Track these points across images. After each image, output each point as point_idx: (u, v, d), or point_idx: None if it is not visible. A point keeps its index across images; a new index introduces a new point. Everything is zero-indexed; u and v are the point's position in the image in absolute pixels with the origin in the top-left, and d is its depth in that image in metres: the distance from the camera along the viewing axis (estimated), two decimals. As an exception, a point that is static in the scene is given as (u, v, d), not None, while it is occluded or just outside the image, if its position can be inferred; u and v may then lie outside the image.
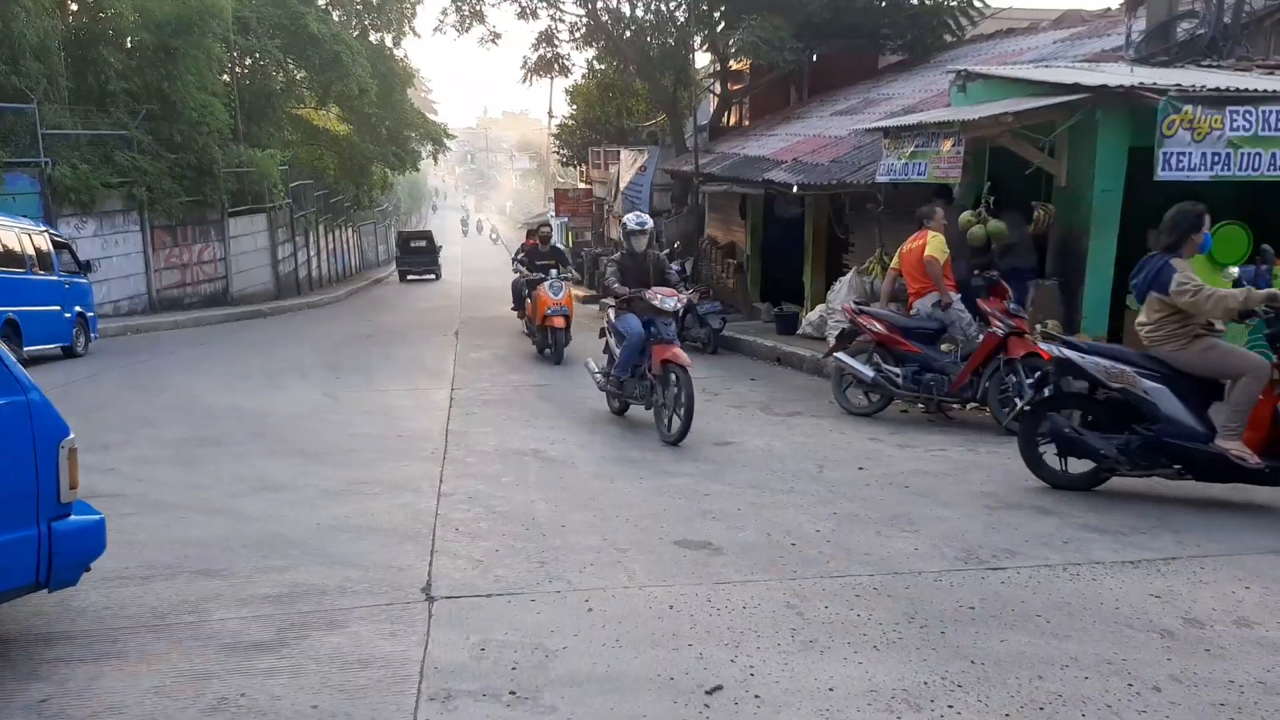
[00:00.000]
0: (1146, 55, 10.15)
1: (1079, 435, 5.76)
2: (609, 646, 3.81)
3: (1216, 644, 3.83)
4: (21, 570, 3.49)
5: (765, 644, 3.82)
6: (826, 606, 4.18)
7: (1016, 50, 14.53)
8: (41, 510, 3.52)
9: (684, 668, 3.63)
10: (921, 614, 4.10)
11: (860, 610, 4.14)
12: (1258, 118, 7.84)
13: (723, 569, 4.65)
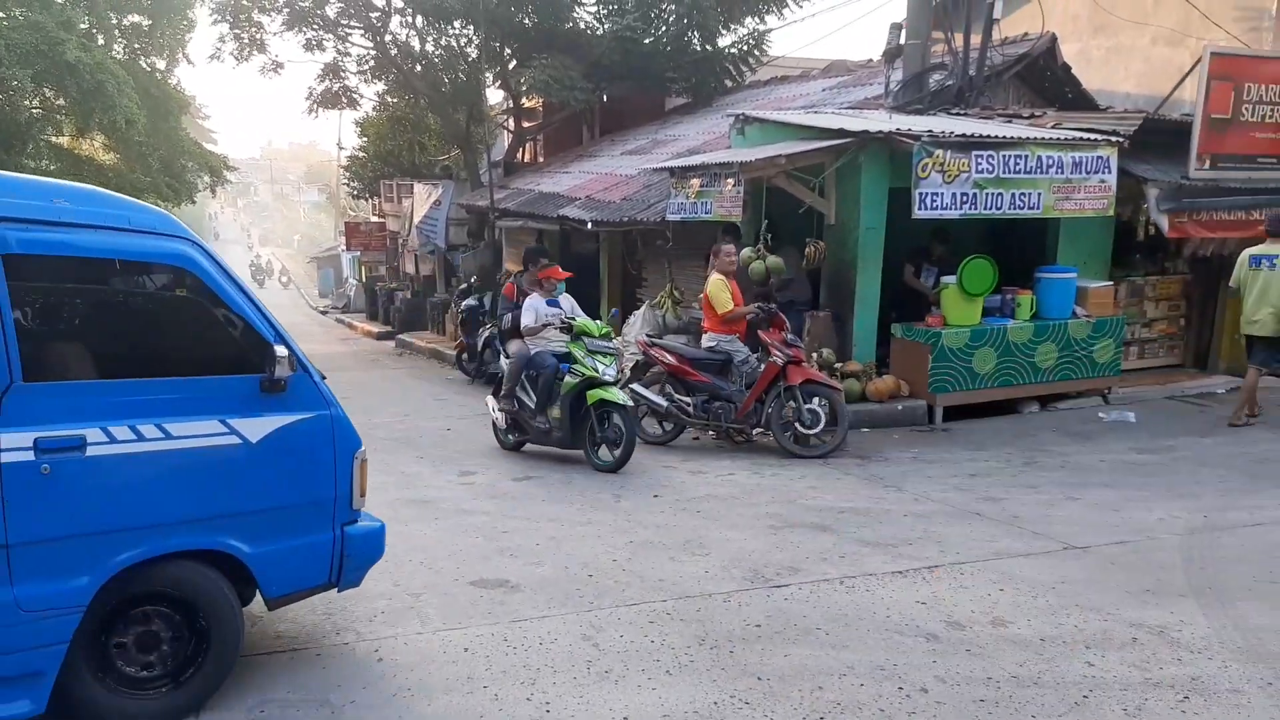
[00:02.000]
0: (903, 103, 11.05)
1: None
2: (400, 697, 3.70)
3: (976, 643, 4.17)
4: (319, 570, 3.86)
5: (561, 678, 3.82)
6: (622, 635, 4.23)
7: (790, 96, 15.45)
8: (337, 515, 3.88)
9: (478, 711, 3.57)
10: (712, 635, 4.23)
11: (654, 636, 4.22)
12: (999, 161, 8.70)
13: (520, 606, 4.62)
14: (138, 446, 3.36)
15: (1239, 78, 9.61)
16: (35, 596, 3.16)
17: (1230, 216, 9.73)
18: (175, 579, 3.51)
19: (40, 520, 3.18)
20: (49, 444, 3.18)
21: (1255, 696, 3.68)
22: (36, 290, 3.37)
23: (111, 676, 3.42)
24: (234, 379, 3.62)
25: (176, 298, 3.69)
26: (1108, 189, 9.07)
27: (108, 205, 3.53)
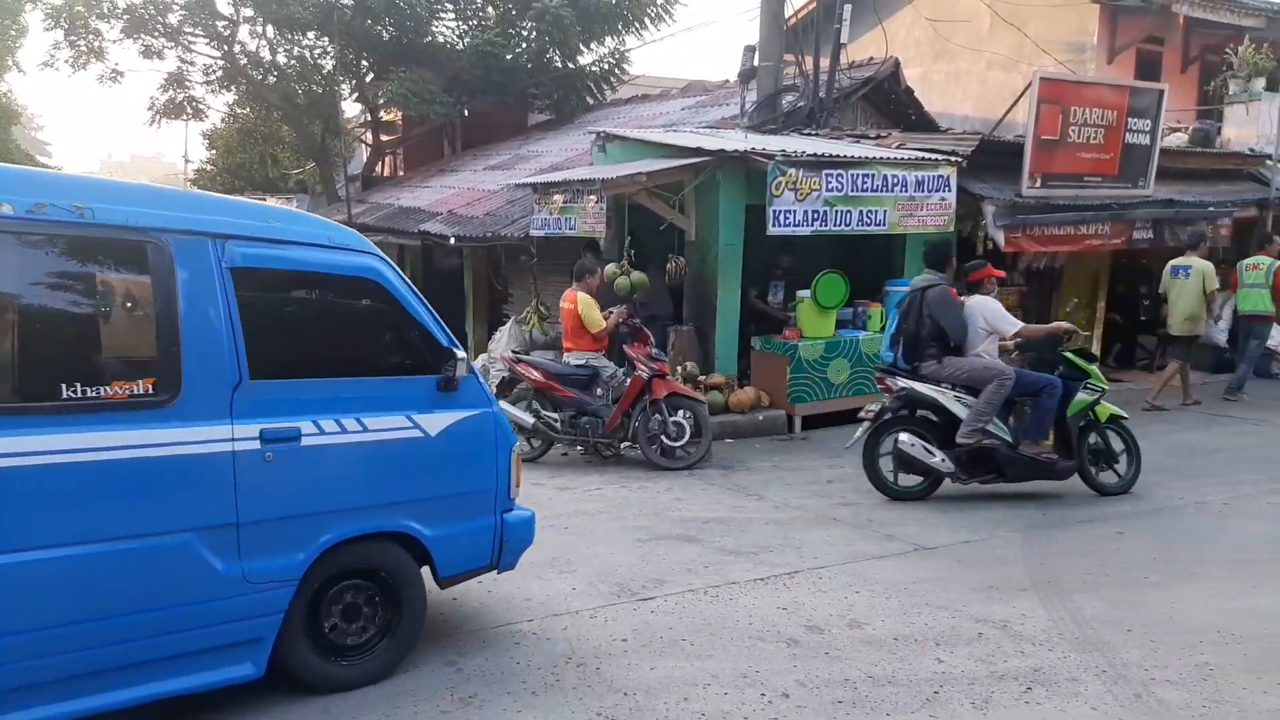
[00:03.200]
0: (758, 123, 11.38)
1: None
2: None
3: (834, 646, 4.29)
4: (483, 552, 4.30)
5: (424, 709, 3.73)
6: (486, 658, 4.17)
7: (651, 115, 15.69)
8: (498, 503, 4.32)
9: (336, 744, 3.44)
10: (579, 653, 4.21)
11: (519, 657, 4.17)
12: (848, 180, 9.05)
13: (380, 633, 4.48)
14: (341, 438, 3.81)
15: (1065, 102, 10.30)
16: (259, 570, 3.58)
17: (1060, 231, 10.40)
18: (370, 557, 3.98)
19: (264, 503, 3.60)
20: (271, 435, 3.61)
21: (1092, 684, 3.92)
22: (256, 299, 3.66)
23: (320, 644, 3.85)
24: (416, 379, 4.10)
25: (368, 306, 4.08)
26: (948, 206, 9.57)
27: (311, 224, 4.02)
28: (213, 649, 3.52)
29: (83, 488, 3.22)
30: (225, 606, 3.50)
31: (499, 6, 18.98)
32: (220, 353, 3.52)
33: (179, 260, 3.46)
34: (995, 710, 3.70)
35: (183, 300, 3.45)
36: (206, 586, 3.46)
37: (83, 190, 3.38)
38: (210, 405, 3.49)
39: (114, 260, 3.42)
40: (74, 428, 3.20)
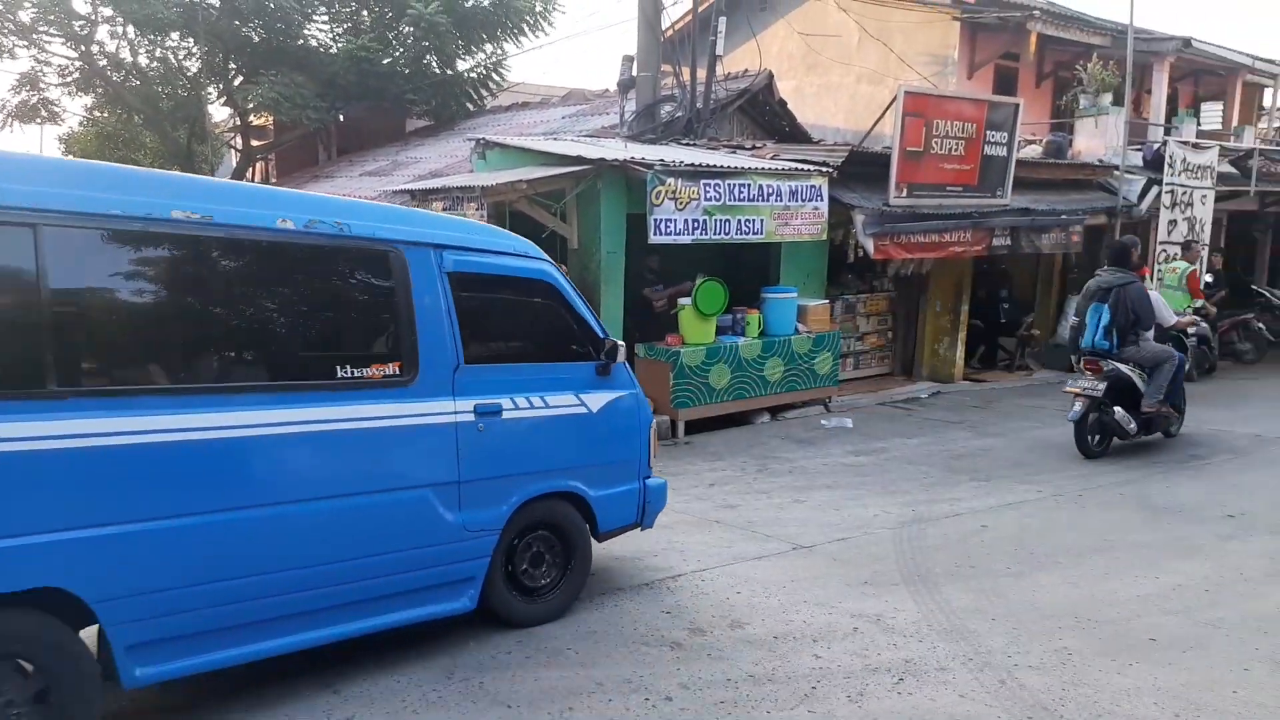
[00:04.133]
0: (638, 132, 11.50)
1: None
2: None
3: (716, 647, 4.37)
4: (631, 512, 5.13)
5: (299, 730, 3.62)
6: (366, 678, 4.07)
7: (531, 122, 15.65)
8: (641, 470, 5.17)
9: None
10: (462, 667, 4.16)
11: (400, 676, 4.09)
12: (725, 189, 9.23)
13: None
14: (529, 413, 4.63)
15: (929, 115, 10.75)
16: (474, 521, 4.39)
17: (926, 239, 10.85)
18: (550, 514, 4.78)
19: (478, 465, 4.39)
20: (482, 409, 4.42)
21: (959, 672, 4.10)
22: (464, 297, 4.44)
23: (515, 585, 4.67)
24: (581, 364, 4.94)
25: (544, 303, 4.88)
26: (821, 215, 9.87)
27: (499, 235, 4.91)
28: (439, 585, 4.33)
29: (351, 450, 3.98)
30: (450, 550, 4.32)
31: (374, 11, 18.60)
32: (444, 341, 4.32)
33: (411, 266, 4.24)
34: (869, 702, 3.83)
35: (416, 298, 4.23)
36: (439, 533, 4.26)
37: (340, 209, 4.18)
38: (439, 384, 4.29)
39: (366, 266, 4.19)
40: (347, 402, 3.99)
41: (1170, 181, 13.29)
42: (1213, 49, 18.85)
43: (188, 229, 3.63)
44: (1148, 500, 6.94)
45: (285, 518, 3.79)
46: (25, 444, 3.18)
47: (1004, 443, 8.70)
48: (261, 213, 3.84)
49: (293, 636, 3.86)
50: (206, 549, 3.58)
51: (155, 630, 3.47)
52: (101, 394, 3.39)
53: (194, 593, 3.56)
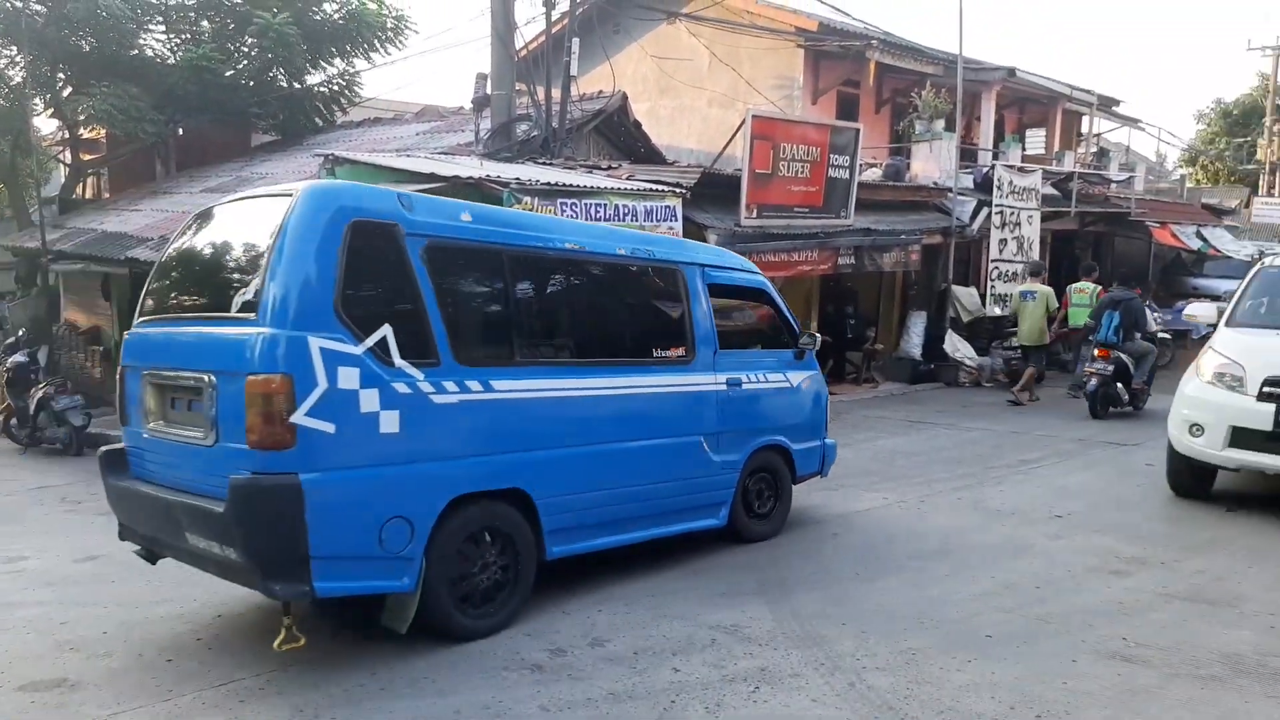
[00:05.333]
0: (494, 150, 11.44)
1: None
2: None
3: (577, 668, 4.35)
4: (816, 462, 6.97)
5: None
6: None
7: (385, 138, 15.35)
8: (821, 432, 7.00)
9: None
10: (312, 704, 4.01)
11: (246, 716, 3.91)
12: (582, 208, 9.29)
13: (82, 707, 4.05)
14: (757, 386, 6.38)
15: (776, 138, 11.14)
16: (726, 460, 6.11)
17: (776, 258, 11.22)
18: (768, 460, 6.51)
19: (729, 421, 6.10)
20: (730, 382, 6.13)
21: (812, 678, 4.22)
22: (716, 301, 6.22)
23: (748, 510, 6.39)
24: (785, 351, 6.78)
25: (761, 306, 6.94)
26: (676, 235, 10.03)
27: (733, 256, 6.79)
28: (706, 506, 6.06)
29: (663, 408, 5.73)
30: (714, 480, 6.06)
31: (215, 21, 17.86)
32: (709, 333, 6.07)
33: (689, 280, 6.01)
34: (726, 712, 3.90)
35: (692, 302, 5.99)
36: (708, 467, 6.00)
37: (648, 240, 6.15)
38: (706, 363, 6.03)
39: (664, 280, 5.96)
40: (661, 374, 5.75)
41: (999, 203, 14.19)
42: (1035, 78, 20.26)
43: (574, 255, 5.43)
44: (983, 504, 7.35)
45: (628, 451, 5.49)
46: (503, 395, 4.81)
47: (852, 453, 9.03)
48: (609, 243, 5.67)
49: (625, 535, 5.52)
50: (591, 468, 5.26)
51: (562, 522, 5.10)
52: (535, 364, 5.05)
53: (580, 498, 5.20)
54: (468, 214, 4.91)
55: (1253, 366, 6.81)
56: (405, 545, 4.34)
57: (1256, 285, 7.81)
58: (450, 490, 4.55)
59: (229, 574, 4.38)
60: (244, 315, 4.23)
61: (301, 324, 4.11)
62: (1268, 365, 6.76)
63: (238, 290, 4.38)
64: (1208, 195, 27.98)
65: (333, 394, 4.13)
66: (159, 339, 4.78)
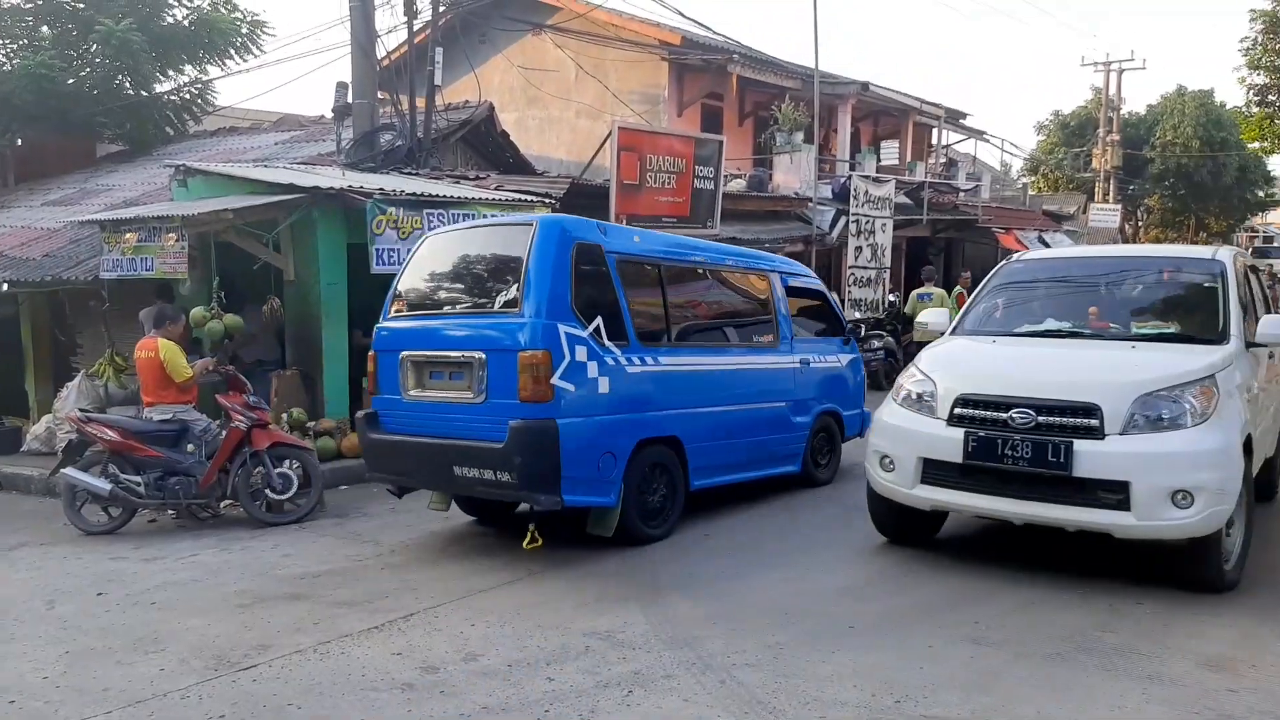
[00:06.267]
0: (357, 161, 11.20)
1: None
2: None
3: (449, 684, 4.30)
4: (857, 426, 8.67)
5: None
6: (54, 764, 3.65)
7: (240, 149, 14.81)
8: (861, 402, 8.88)
9: None
10: None
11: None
12: (449, 219, 9.19)
13: None
14: (819, 365, 8.21)
15: (642, 150, 11.31)
16: (800, 422, 7.96)
17: (646, 267, 11.35)
18: (826, 423, 8.31)
19: (802, 391, 7.98)
20: (802, 361, 8.00)
21: (684, 678, 4.29)
22: (791, 300, 8.22)
23: (816, 462, 8.23)
24: (835, 339, 8.72)
25: (817, 304, 8.91)
26: (546, 244, 10.05)
27: (797, 265, 8.97)
28: (786, 456, 7.81)
29: (761, 380, 7.56)
30: (793, 437, 7.84)
31: (56, 27, 16.85)
32: (787, 323, 7.88)
33: (773, 283, 7.89)
34: (600, 717, 3.93)
35: (776, 300, 7.86)
36: (790, 427, 7.81)
37: (743, 253, 8.26)
38: (786, 347, 7.83)
39: (759, 283, 7.86)
40: (759, 354, 7.63)
41: (855, 212, 14.76)
42: (888, 92, 21.18)
43: (702, 265, 7.47)
44: (843, 500, 7.63)
45: (741, 412, 7.21)
46: (665, 367, 6.56)
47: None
48: (722, 256, 7.82)
49: (737, 475, 7.31)
50: (718, 423, 6.97)
51: (700, 463, 6.79)
52: (682, 346, 6.86)
53: (711, 445, 6.91)
54: (637, 237, 6.98)
55: (946, 383, 5.63)
56: (612, 472, 6.08)
57: (994, 286, 6.78)
58: (638, 434, 6.30)
59: (495, 491, 6.10)
60: (507, 310, 6.00)
61: (553, 316, 5.88)
62: (964, 380, 5.62)
63: (498, 293, 6.15)
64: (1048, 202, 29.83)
65: (573, 364, 5.92)
66: (416, 330, 6.50)
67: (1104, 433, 5.08)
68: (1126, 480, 4.97)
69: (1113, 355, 5.69)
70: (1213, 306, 5.92)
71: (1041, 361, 5.85)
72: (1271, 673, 4.21)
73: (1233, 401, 5.24)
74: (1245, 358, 5.74)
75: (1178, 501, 4.89)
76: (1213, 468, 4.94)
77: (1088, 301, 6.47)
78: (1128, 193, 36.81)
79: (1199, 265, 6.34)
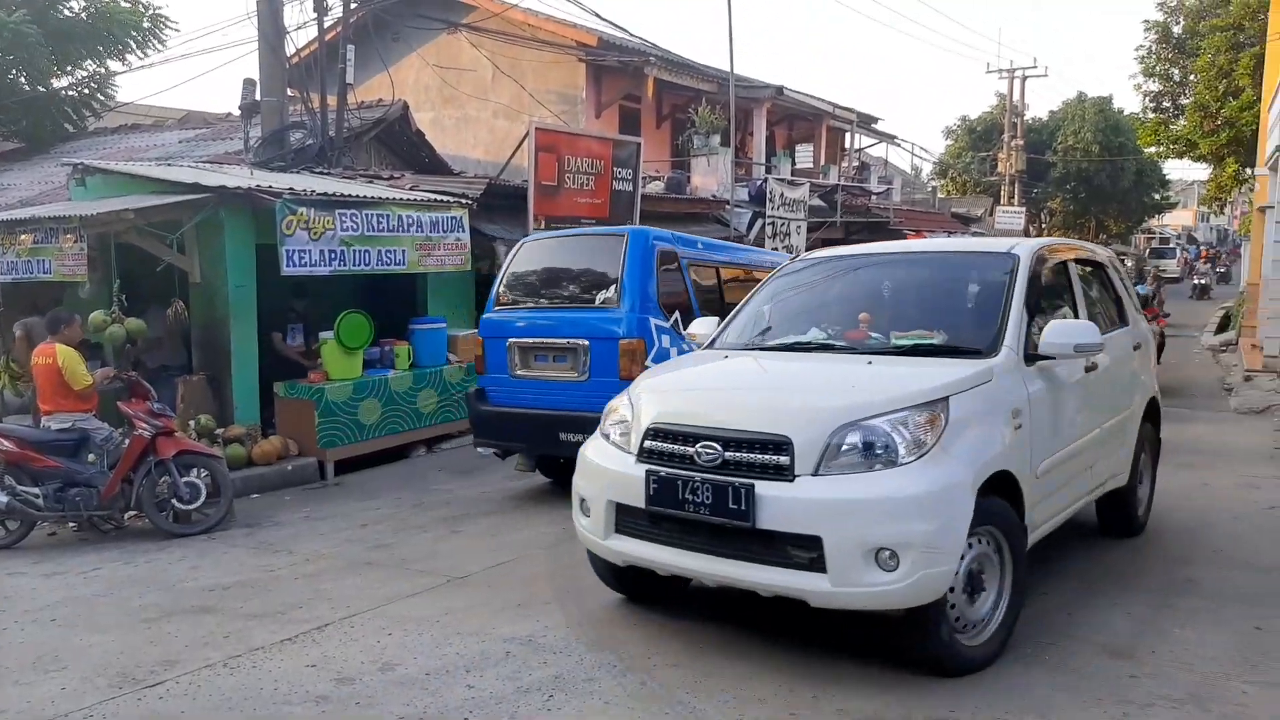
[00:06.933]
0: (266, 160, 10.91)
1: None
2: None
3: (365, 694, 4.22)
4: None
5: None
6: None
7: (143, 147, 14.32)
8: None
9: None
10: None
11: None
12: (363, 219, 9.04)
13: None
14: None
15: (560, 151, 11.27)
16: None
17: (565, 268, 11.32)
18: None
19: None
20: None
21: (605, 680, 4.29)
22: None
23: None
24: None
25: None
26: (464, 246, 9.97)
27: None
28: None
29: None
30: None
31: (-58, 18, 16.04)
32: None
33: None
34: (521, 723, 3.91)
35: None
36: None
37: (772, 254, 9.45)
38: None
39: None
40: None
41: (771, 214, 14.98)
42: (801, 96, 21.54)
43: (746, 265, 8.38)
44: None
45: None
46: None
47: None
48: (760, 258, 8.31)
49: None
50: None
51: None
52: None
53: None
54: (700, 244, 8.25)
55: (645, 409, 4.61)
56: None
57: (770, 288, 5.84)
58: None
59: None
60: (606, 305, 7.36)
61: (644, 311, 7.23)
62: (660, 405, 4.60)
63: (597, 291, 7.50)
64: (957, 205, 30.74)
65: (660, 350, 7.19)
66: (522, 321, 7.74)
67: (794, 473, 4.02)
68: (817, 534, 3.89)
69: (838, 373, 4.63)
70: (995, 311, 4.83)
71: (745, 382, 4.90)
72: (1170, 658, 4.39)
73: (972, 430, 4.18)
74: (1019, 374, 4.62)
75: (882, 561, 3.84)
76: (924, 517, 3.86)
77: (863, 307, 5.37)
78: (1032, 196, 38.18)
79: (992, 262, 5.23)
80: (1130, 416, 6.05)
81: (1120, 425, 5.84)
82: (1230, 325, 22.27)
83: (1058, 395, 4.93)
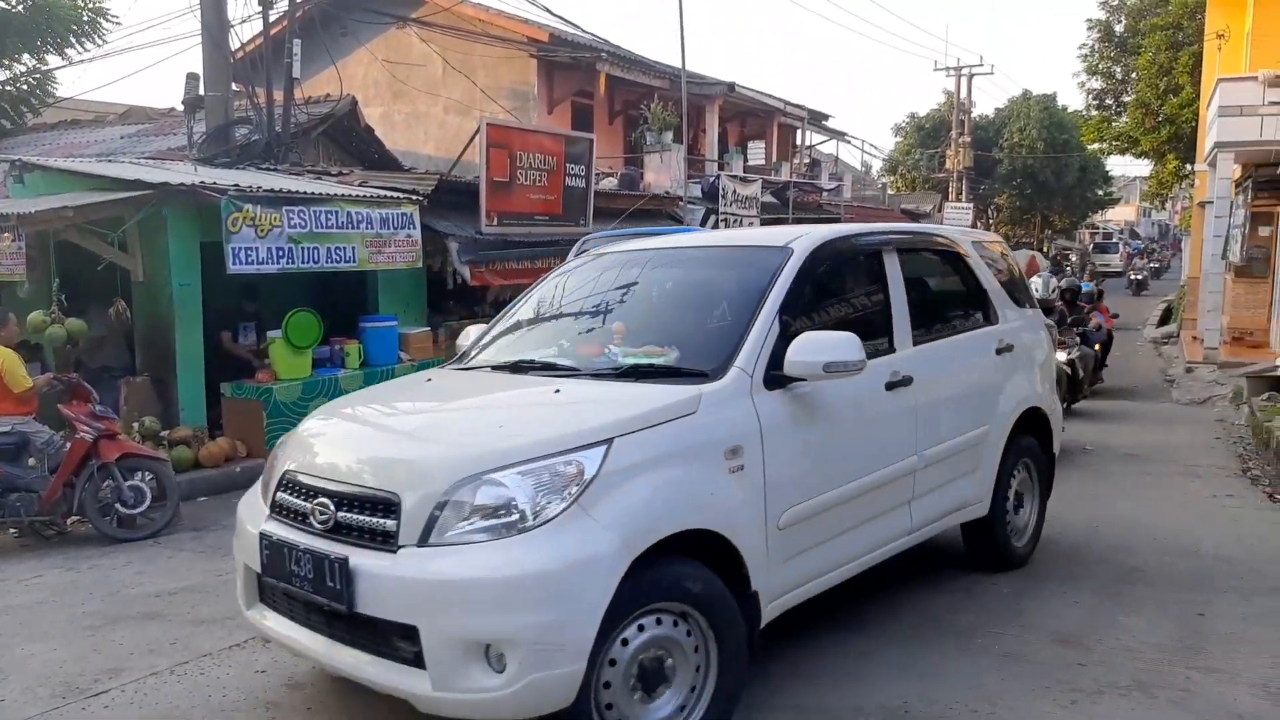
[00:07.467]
0: (210, 156, 10.70)
1: None
2: None
3: (315, 700, 4.16)
4: None
5: None
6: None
7: (84, 143, 13.97)
8: None
9: None
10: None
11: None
12: (311, 216, 8.89)
13: None
14: None
15: (512, 147, 11.19)
16: None
17: (519, 266, 11.26)
18: None
19: None
20: None
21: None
22: None
23: None
24: None
25: None
26: (415, 243, 9.86)
27: None
28: None
29: None
30: None
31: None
32: None
33: None
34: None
35: None
36: None
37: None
38: None
39: None
40: None
41: (724, 211, 15.04)
42: (753, 94, 21.65)
43: None
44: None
45: None
46: None
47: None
48: None
49: None
50: None
51: None
52: None
53: None
54: None
55: (291, 449, 3.84)
56: None
57: (539, 292, 4.97)
58: None
59: None
60: None
61: None
62: (304, 446, 3.79)
63: None
64: (906, 201, 31.12)
65: None
66: None
67: (399, 542, 3.16)
68: (414, 624, 3.06)
69: (504, 407, 3.90)
70: (741, 322, 3.91)
71: (404, 422, 4.06)
72: (1116, 646, 4.48)
73: (642, 480, 3.24)
74: (745, 402, 3.65)
75: (493, 660, 2.99)
76: (535, 604, 2.96)
77: (623, 314, 4.42)
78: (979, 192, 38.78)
79: (762, 259, 4.25)
80: (989, 434, 5.05)
81: (969, 446, 4.90)
82: (1172, 318, 22.86)
83: (825, 423, 3.97)
